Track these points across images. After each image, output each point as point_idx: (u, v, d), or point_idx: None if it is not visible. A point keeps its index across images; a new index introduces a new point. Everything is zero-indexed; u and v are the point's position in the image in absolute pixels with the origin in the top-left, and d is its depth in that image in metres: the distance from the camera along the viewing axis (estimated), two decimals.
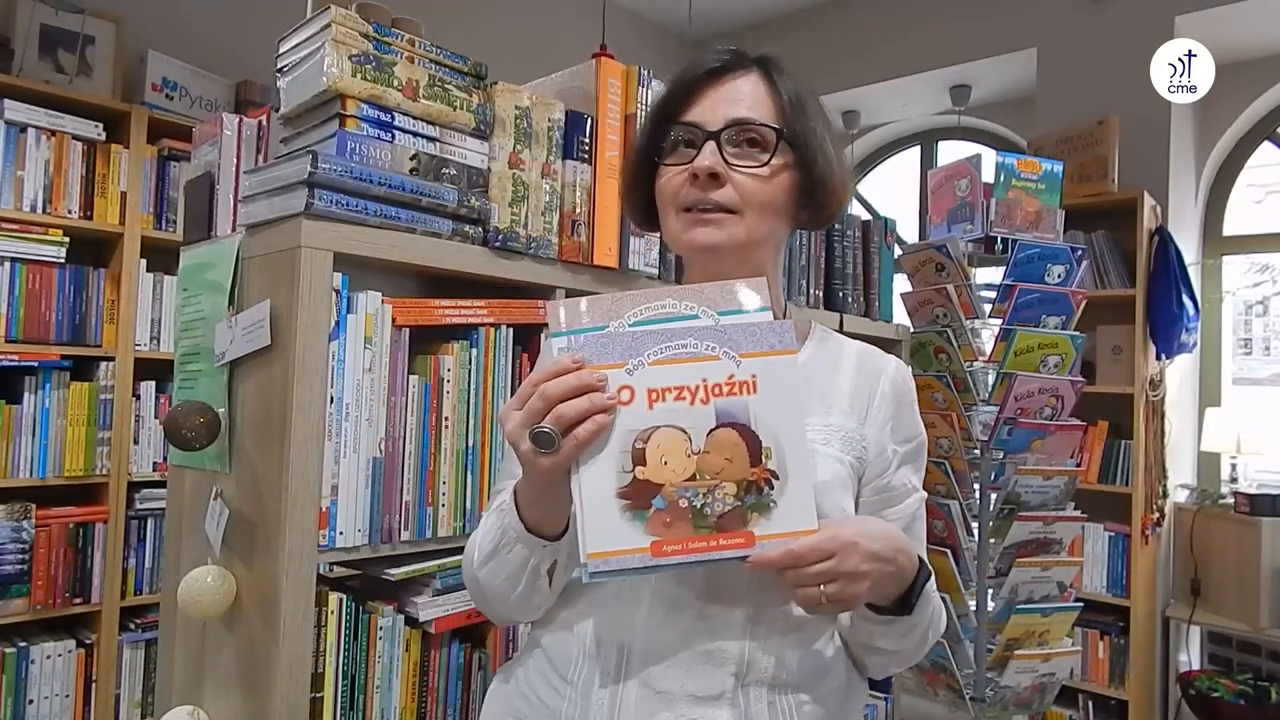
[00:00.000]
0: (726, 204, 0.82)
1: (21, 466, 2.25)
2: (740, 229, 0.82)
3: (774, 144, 0.82)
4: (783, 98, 0.84)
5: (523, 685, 0.86)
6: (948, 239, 2.08)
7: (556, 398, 0.68)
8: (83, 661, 2.34)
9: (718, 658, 0.78)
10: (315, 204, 0.99)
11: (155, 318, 2.51)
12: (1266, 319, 3.50)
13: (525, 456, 0.70)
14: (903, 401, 0.91)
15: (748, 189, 0.82)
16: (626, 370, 0.69)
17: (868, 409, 0.88)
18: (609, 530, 0.68)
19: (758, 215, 0.82)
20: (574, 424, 0.68)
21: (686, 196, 0.83)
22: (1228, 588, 2.96)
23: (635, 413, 0.68)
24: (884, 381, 0.90)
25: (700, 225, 0.82)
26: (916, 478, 0.92)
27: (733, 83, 0.84)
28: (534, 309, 1.26)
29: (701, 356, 0.69)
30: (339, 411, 1.04)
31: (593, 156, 1.30)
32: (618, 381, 0.69)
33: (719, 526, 0.69)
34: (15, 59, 2.36)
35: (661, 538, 0.68)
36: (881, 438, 0.88)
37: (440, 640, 1.17)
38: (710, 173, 0.81)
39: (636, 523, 0.68)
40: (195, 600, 1.03)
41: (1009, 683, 1.97)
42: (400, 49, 1.10)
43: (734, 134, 0.82)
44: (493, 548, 0.81)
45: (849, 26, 4.09)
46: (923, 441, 0.93)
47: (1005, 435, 1.97)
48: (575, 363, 0.69)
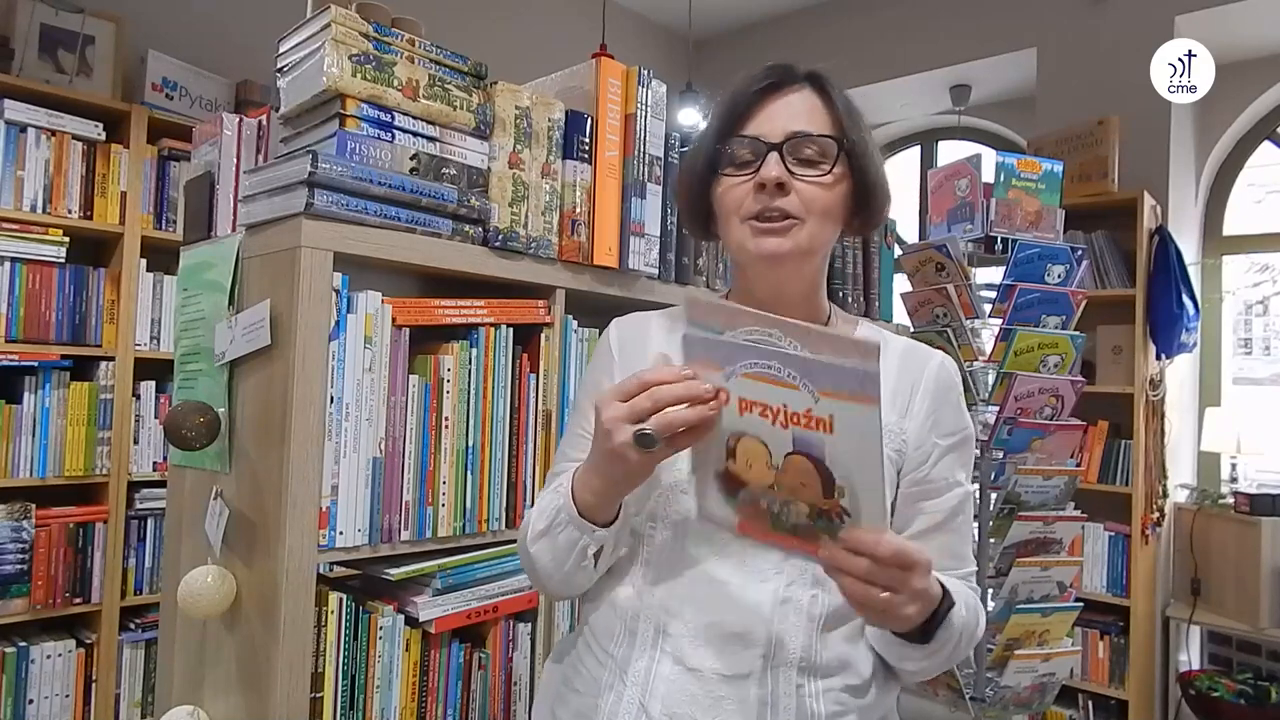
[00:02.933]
0: (792, 211, 0.85)
1: (21, 466, 2.25)
2: (804, 235, 0.86)
3: (835, 154, 0.86)
4: (838, 109, 0.88)
5: (572, 659, 0.93)
6: (948, 239, 2.08)
7: (666, 401, 0.72)
8: (83, 661, 2.34)
9: (747, 639, 0.82)
10: (315, 204, 0.99)
11: (155, 318, 2.51)
12: (1266, 319, 3.50)
13: (620, 449, 0.74)
14: (947, 396, 0.92)
15: (811, 197, 0.86)
16: (724, 375, 0.72)
17: (909, 403, 0.90)
18: (711, 499, 0.77)
19: (819, 222, 0.86)
20: (676, 429, 0.72)
21: (751, 206, 0.86)
22: (1228, 587, 2.96)
23: (730, 414, 0.73)
24: (927, 376, 0.91)
25: (766, 234, 0.86)
26: (962, 472, 0.93)
27: (788, 97, 0.88)
28: (534, 309, 1.26)
29: (784, 382, 0.70)
30: (339, 411, 1.04)
31: (593, 156, 1.30)
32: (716, 382, 0.73)
33: (793, 532, 0.73)
34: (15, 59, 2.36)
35: (746, 519, 0.75)
36: (922, 431, 0.90)
37: (440, 640, 1.17)
38: (777, 182, 0.84)
39: (729, 502, 0.76)
40: (195, 600, 1.03)
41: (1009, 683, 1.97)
42: (400, 49, 1.10)
43: (795, 146, 0.86)
44: (545, 526, 0.86)
45: (849, 26, 4.09)
46: (968, 436, 0.94)
47: (1005, 435, 1.97)
48: (685, 373, 0.73)
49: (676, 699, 0.83)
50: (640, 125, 1.33)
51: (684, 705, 0.82)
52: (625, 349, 0.99)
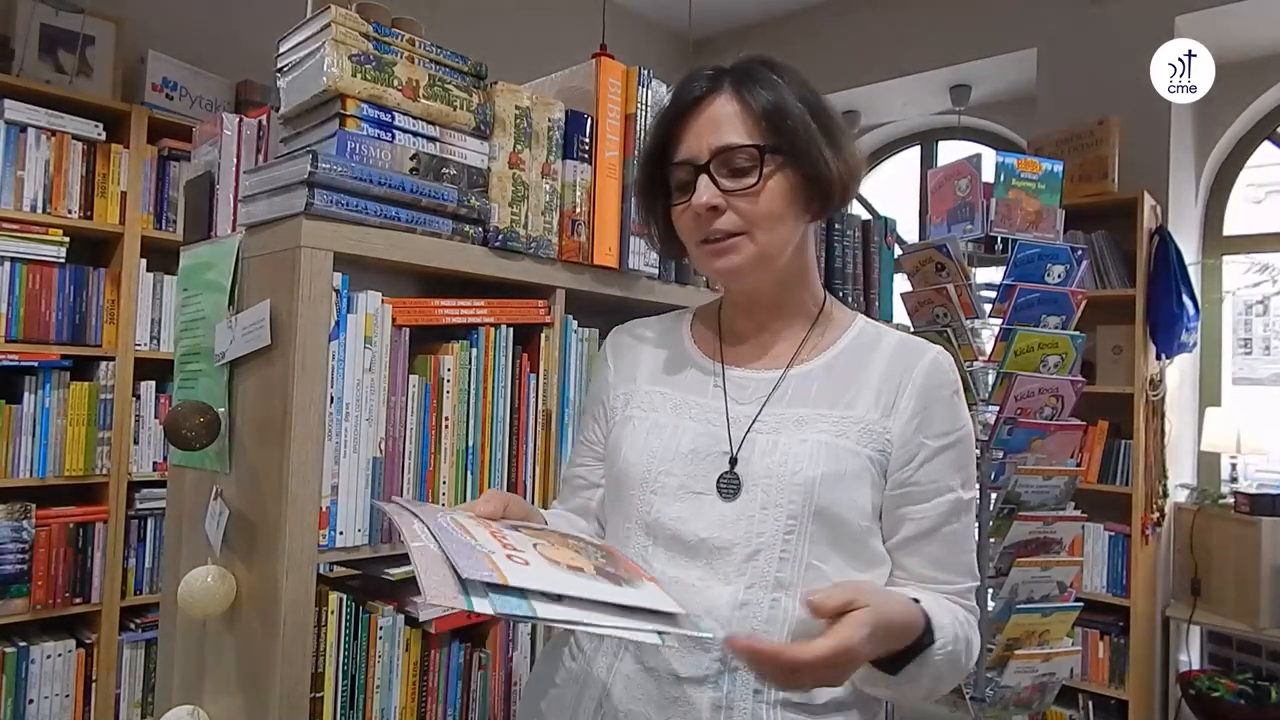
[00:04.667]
0: (732, 229, 0.86)
1: (21, 466, 2.25)
2: (752, 247, 0.86)
3: (758, 161, 0.85)
4: (757, 110, 0.85)
5: (554, 653, 0.96)
6: (948, 239, 2.08)
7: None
8: (83, 661, 2.34)
9: (704, 641, 0.82)
10: (315, 204, 0.99)
11: (155, 318, 2.51)
12: (1266, 319, 3.50)
13: None
14: (938, 394, 0.88)
15: (746, 211, 0.85)
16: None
17: (895, 401, 0.87)
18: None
19: (765, 230, 0.86)
20: None
21: (698, 230, 0.88)
22: (1228, 588, 2.96)
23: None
24: (916, 373, 0.88)
25: (715, 255, 0.88)
26: (957, 477, 0.88)
27: (710, 109, 0.87)
28: (534, 309, 1.26)
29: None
30: (339, 411, 1.04)
31: (593, 156, 1.30)
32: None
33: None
34: (15, 59, 2.36)
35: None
36: (908, 431, 0.86)
37: (440, 640, 1.17)
38: (709, 207, 0.85)
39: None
40: (195, 600, 1.03)
41: (1009, 683, 1.97)
42: (400, 49, 1.10)
43: (724, 160, 0.85)
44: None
45: (849, 26, 4.09)
46: (964, 437, 0.89)
47: (1005, 435, 1.97)
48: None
49: (633, 697, 0.84)
50: (640, 125, 1.33)
51: (640, 704, 0.83)
52: (620, 358, 1.02)
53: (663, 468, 0.89)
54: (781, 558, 0.83)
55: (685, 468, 0.88)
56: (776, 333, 0.94)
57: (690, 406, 0.92)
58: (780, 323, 0.94)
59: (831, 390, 0.88)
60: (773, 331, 0.94)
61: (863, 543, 0.86)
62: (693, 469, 0.88)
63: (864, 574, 0.86)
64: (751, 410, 0.89)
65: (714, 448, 0.88)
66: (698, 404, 0.92)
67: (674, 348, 1.00)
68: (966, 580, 0.89)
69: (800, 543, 0.83)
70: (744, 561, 0.83)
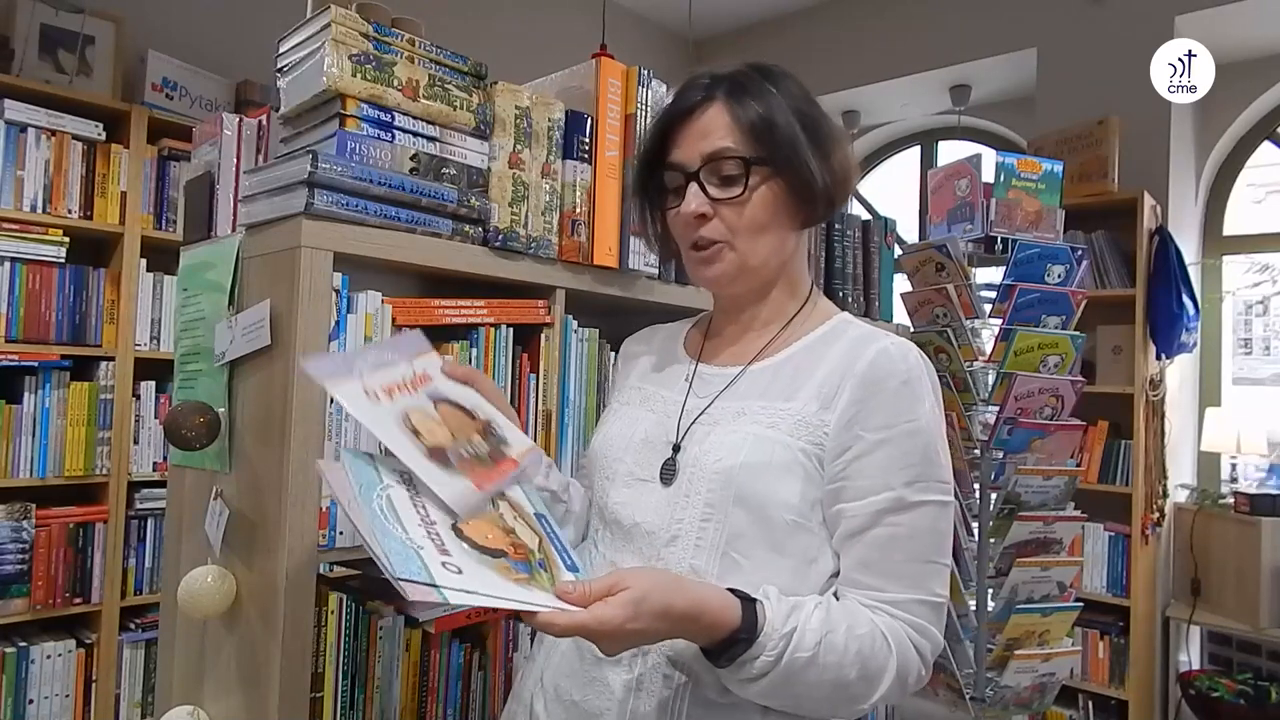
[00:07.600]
0: (717, 238, 0.89)
1: (21, 466, 2.25)
2: (734, 256, 0.89)
3: (745, 171, 0.87)
4: (743, 122, 0.87)
5: (540, 637, 1.00)
6: (948, 239, 2.08)
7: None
8: (83, 661, 2.34)
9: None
10: (315, 204, 0.99)
11: (155, 318, 2.51)
12: (1266, 319, 3.50)
13: None
14: (881, 385, 0.83)
15: (731, 220, 0.88)
16: (359, 379, 0.86)
17: (835, 393, 0.84)
18: (439, 481, 0.80)
19: (748, 240, 0.89)
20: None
21: (686, 236, 0.91)
22: (1228, 588, 2.96)
23: (386, 407, 0.83)
24: (859, 364, 0.84)
25: (702, 264, 0.91)
26: (899, 474, 0.81)
27: (703, 118, 0.89)
28: (534, 309, 1.26)
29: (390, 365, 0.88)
30: (339, 411, 1.04)
31: (593, 156, 1.30)
32: (352, 391, 0.83)
33: (492, 459, 0.85)
34: (15, 59, 2.36)
35: (471, 475, 0.82)
36: (841, 423, 0.83)
37: (440, 640, 1.17)
38: (696, 215, 0.88)
39: (448, 471, 0.81)
40: (195, 600, 1.03)
41: (1009, 683, 1.97)
42: (400, 49, 1.10)
43: (713, 167, 0.87)
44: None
45: (849, 26, 4.09)
46: (913, 431, 0.82)
47: (1005, 435, 1.97)
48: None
49: (563, 673, 0.88)
50: (640, 125, 1.33)
51: (565, 679, 0.88)
52: (625, 364, 1.09)
53: (617, 455, 0.94)
54: (697, 545, 0.84)
55: (635, 455, 0.93)
56: (757, 332, 0.96)
57: (656, 400, 0.97)
58: (759, 323, 0.96)
59: (780, 384, 0.89)
60: (754, 331, 0.96)
61: (790, 537, 0.83)
62: (641, 457, 0.92)
63: (791, 570, 0.83)
64: (705, 403, 0.92)
65: (663, 437, 0.92)
66: (663, 397, 0.97)
67: (668, 350, 1.04)
68: (905, 591, 0.80)
69: (717, 532, 0.84)
70: (664, 546, 0.86)
